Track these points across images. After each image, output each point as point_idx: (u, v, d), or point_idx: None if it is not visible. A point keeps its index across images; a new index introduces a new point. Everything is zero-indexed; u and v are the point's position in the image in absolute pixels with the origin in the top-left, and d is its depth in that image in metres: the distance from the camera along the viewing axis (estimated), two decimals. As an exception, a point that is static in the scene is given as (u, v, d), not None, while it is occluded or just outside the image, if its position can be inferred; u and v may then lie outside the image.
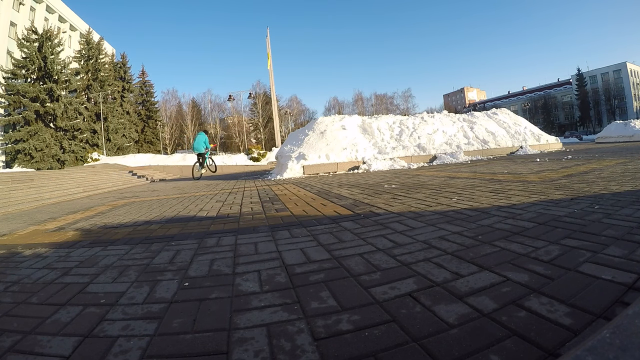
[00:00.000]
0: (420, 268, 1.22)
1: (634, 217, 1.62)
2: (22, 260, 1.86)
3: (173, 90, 62.96)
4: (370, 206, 2.61)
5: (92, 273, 1.49)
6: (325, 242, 1.69)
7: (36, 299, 1.24)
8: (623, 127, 15.48)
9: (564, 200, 2.19)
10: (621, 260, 1.11)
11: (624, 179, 2.93)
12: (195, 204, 3.80)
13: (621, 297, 0.87)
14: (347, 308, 0.96)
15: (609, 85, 56.66)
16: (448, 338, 0.77)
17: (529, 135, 10.65)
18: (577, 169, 4.10)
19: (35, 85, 25.04)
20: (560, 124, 62.82)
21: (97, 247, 2.03)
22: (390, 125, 9.69)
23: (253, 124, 52.14)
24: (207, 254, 1.64)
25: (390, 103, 58.89)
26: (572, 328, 0.76)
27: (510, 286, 1.00)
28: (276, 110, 24.89)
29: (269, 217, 2.55)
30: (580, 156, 6.49)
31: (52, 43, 26.17)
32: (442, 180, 4.11)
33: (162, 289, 1.23)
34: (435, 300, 0.96)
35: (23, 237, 2.69)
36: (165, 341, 0.87)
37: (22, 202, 6.61)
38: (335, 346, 0.78)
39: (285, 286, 1.16)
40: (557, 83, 68.59)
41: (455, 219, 1.92)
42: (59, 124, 25.93)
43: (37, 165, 24.18)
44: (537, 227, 1.60)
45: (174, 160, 22.40)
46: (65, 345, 0.88)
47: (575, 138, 37.17)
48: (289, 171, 7.38)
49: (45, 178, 9.62)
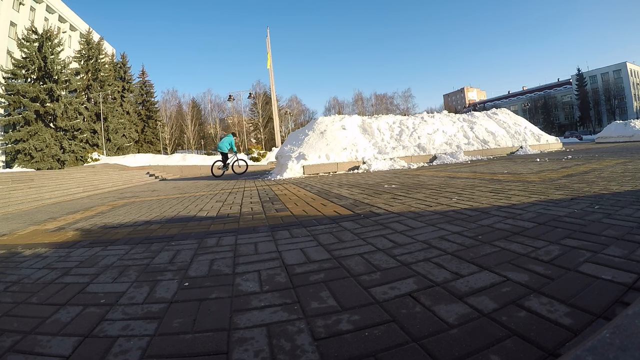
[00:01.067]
0: (420, 268, 1.22)
1: (634, 217, 1.62)
2: (22, 260, 1.86)
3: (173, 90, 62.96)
4: (370, 206, 2.61)
5: (92, 273, 1.49)
6: (325, 242, 1.68)
7: (36, 299, 1.24)
8: (623, 127, 15.48)
9: (564, 200, 2.19)
10: (621, 260, 1.11)
11: (624, 179, 2.93)
12: (195, 204, 3.80)
13: (621, 297, 0.87)
14: (347, 308, 0.96)
15: (609, 85, 56.66)
16: (448, 338, 0.77)
17: (529, 135, 10.65)
18: (577, 169, 4.10)
19: (35, 85, 25.04)
20: (560, 124, 62.83)
21: (97, 247, 2.03)
22: (390, 125, 9.69)
23: (253, 124, 52.13)
24: (207, 254, 1.64)
25: (390, 103, 58.92)
26: (572, 328, 0.76)
27: (510, 286, 1.00)
28: (276, 110, 24.89)
29: (269, 217, 2.55)
30: (580, 156, 6.49)
31: (52, 43, 26.17)
32: (442, 180, 4.11)
33: (162, 289, 1.23)
34: (435, 300, 0.96)
35: (23, 237, 2.69)
36: (165, 341, 0.86)
37: (22, 202, 6.61)
38: (335, 346, 0.78)
39: (285, 286, 1.16)
40: (557, 83, 68.60)
41: (455, 219, 1.92)
42: (59, 124, 25.94)
43: (37, 165, 24.19)
44: (537, 227, 1.60)
45: (174, 160, 22.41)
46: (65, 345, 0.88)
47: (575, 138, 37.16)
48: (289, 171, 7.38)
49: (45, 178, 9.62)
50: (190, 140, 50.29)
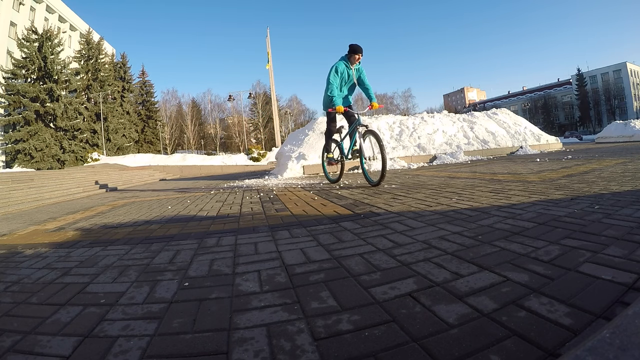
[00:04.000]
0: (420, 268, 1.22)
1: (634, 217, 1.62)
2: (22, 260, 1.86)
3: (173, 90, 63.07)
4: (370, 206, 2.61)
5: (92, 273, 1.49)
6: (325, 242, 1.68)
7: (36, 299, 1.24)
8: (623, 127, 15.47)
9: (564, 200, 2.19)
10: (621, 260, 1.11)
11: (624, 179, 2.93)
12: (195, 203, 3.80)
13: (621, 297, 0.87)
14: (347, 308, 0.96)
15: (609, 85, 56.68)
16: (448, 338, 0.77)
17: (529, 135, 10.64)
18: (577, 169, 4.10)
19: (35, 85, 25.04)
20: (560, 124, 62.83)
21: (97, 247, 2.03)
22: (390, 125, 9.68)
23: (253, 124, 52.13)
24: (207, 254, 1.64)
25: (390, 103, 59.02)
26: (572, 328, 0.76)
27: (510, 286, 1.00)
28: (276, 110, 24.88)
29: (269, 217, 2.55)
30: (580, 156, 6.49)
31: (52, 43, 26.17)
32: (442, 180, 4.11)
33: (162, 289, 1.23)
34: (435, 300, 0.96)
35: (23, 237, 2.69)
36: (165, 341, 0.87)
37: (22, 202, 6.61)
38: (335, 346, 0.78)
39: (285, 286, 1.16)
40: (557, 83, 68.61)
41: (455, 219, 1.92)
42: (59, 124, 25.94)
43: (37, 165, 24.19)
44: (537, 227, 1.60)
45: (174, 160, 22.42)
46: (65, 345, 0.88)
47: (575, 138, 37.18)
48: (289, 171, 7.38)
49: (45, 178, 9.62)
50: (190, 140, 50.30)
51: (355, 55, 4.05)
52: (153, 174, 15.51)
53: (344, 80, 4.19)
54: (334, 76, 4.07)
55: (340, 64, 4.09)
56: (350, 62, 4.11)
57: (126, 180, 12.53)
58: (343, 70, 4.11)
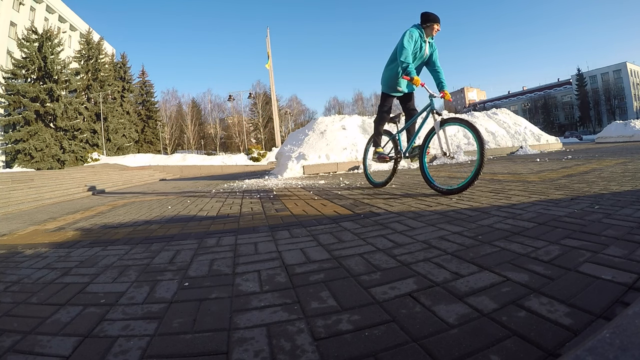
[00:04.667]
0: (420, 268, 1.22)
1: (634, 217, 1.62)
2: (22, 260, 1.86)
3: (173, 90, 63.07)
4: (370, 206, 2.61)
5: (92, 273, 1.49)
6: (325, 242, 1.68)
7: (36, 299, 1.24)
8: (623, 127, 15.49)
9: (564, 200, 2.19)
10: (621, 260, 1.11)
11: (624, 179, 2.93)
12: (195, 203, 3.80)
13: (621, 297, 0.87)
14: (347, 308, 0.96)
15: (609, 85, 56.70)
16: (448, 338, 0.77)
17: (529, 135, 10.65)
18: (577, 169, 4.10)
19: (35, 85, 25.05)
20: (560, 124, 62.85)
21: (97, 247, 2.03)
22: (391, 125, 9.68)
23: (253, 124, 52.14)
24: (207, 254, 1.64)
25: (390, 103, 58.80)
26: (572, 328, 0.76)
27: (510, 286, 1.00)
28: (276, 110, 24.90)
29: (269, 217, 2.55)
30: (580, 156, 6.49)
31: (52, 43, 26.18)
32: (442, 180, 4.10)
33: (162, 289, 1.23)
34: (435, 300, 0.96)
35: (23, 237, 2.69)
36: (165, 341, 0.86)
37: (22, 202, 6.61)
38: (335, 346, 0.78)
39: (285, 286, 1.16)
40: (557, 83, 68.62)
41: (455, 219, 1.92)
42: (59, 124, 25.95)
43: (37, 165, 24.20)
44: (537, 227, 1.60)
45: (174, 160, 22.42)
46: (65, 345, 0.88)
47: (575, 138, 37.19)
48: (289, 171, 7.38)
49: (45, 178, 9.62)
50: (190, 140, 50.31)
51: (434, 25, 3.18)
52: (153, 174, 15.50)
53: (415, 53, 3.23)
54: (409, 41, 3.12)
55: (415, 31, 3.17)
56: (425, 34, 3.22)
57: (126, 180, 12.52)
58: (417, 39, 3.17)
